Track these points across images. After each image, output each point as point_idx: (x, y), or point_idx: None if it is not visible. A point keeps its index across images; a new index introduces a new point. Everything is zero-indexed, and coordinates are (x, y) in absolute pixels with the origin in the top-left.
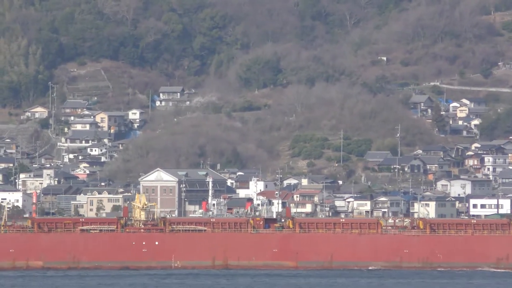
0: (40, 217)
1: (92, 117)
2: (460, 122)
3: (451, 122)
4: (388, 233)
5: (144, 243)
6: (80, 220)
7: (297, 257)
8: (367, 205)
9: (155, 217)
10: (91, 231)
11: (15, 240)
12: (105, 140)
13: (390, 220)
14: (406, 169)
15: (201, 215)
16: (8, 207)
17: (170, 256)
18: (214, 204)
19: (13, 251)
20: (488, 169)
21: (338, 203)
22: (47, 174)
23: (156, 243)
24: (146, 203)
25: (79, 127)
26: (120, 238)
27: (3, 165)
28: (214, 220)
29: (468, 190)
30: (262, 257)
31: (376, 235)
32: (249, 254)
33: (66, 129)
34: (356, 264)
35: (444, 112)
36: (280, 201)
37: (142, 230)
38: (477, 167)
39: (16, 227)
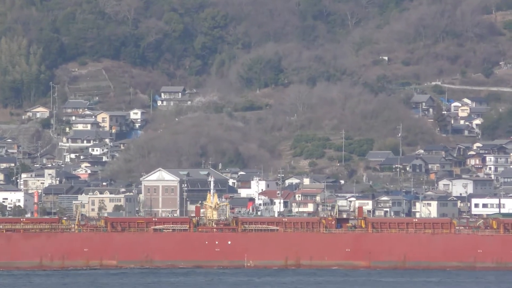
0: (113, 217)
1: (93, 117)
2: (462, 122)
3: (452, 122)
4: (461, 233)
5: (217, 242)
6: (153, 219)
7: (370, 257)
8: (369, 205)
9: (227, 216)
10: (164, 230)
11: (89, 239)
12: (107, 140)
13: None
14: (407, 168)
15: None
16: (9, 207)
17: (242, 255)
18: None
19: (87, 250)
20: (490, 168)
21: (340, 202)
22: (49, 174)
23: (229, 242)
24: (218, 203)
25: (80, 127)
26: (193, 237)
27: (4, 165)
28: (286, 219)
29: (470, 190)
30: (334, 257)
31: (450, 235)
32: (321, 254)
33: (67, 129)
34: (430, 264)
35: (445, 112)
36: (281, 201)
37: (214, 229)
38: (479, 166)
39: (90, 227)
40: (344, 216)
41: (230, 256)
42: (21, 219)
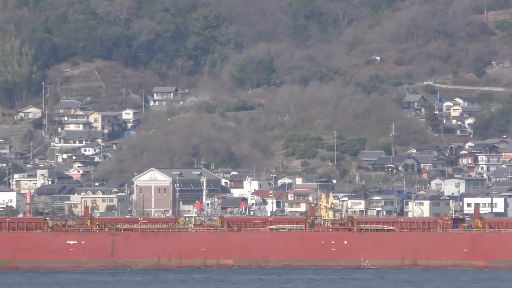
0: (228, 216)
1: (85, 117)
2: (454, 121)
3: (444, 121)
4: None
5: (333, 242)
6: (269, 219)
7: (487, 257)
8: (361, 204)
9: (342, 216)
10: (280, 230)
11: (206, 239)
12: (99, 140)
13: None
14: (400, 168)
15: (195, 215)
16: (1, 207)
17: (359, 255)
18: (208, 204)
19: (204, 249)
20: (482, 168)
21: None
22: (41, 174)
23: (345, 242)
24: (334, 202)
25: (72, 127)
26: (309, 237)
27: None
28: (401, 219)
29: (462, 189)
30: (452, 257)
31: None
32: (438, 254)
33: (59, 129)
34: None
35: (437, 111)
36: (274, 201)
37: (330, 229)
38: (471, 166)
39: (206, 226)
40: (336, 216)
41: (346, 256)
42: (139, 219)
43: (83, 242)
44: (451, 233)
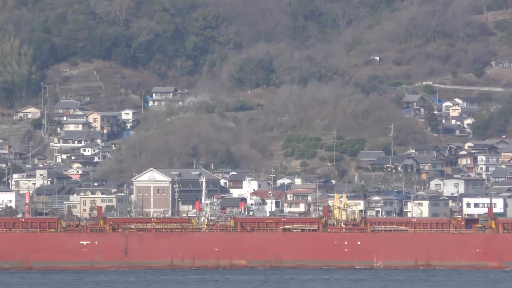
0: (242, 217)
1: (84, 117)
2: (453, 122)
3: (444, 122)
4: None
5: (346, 242)
6: (282, 219)
7: (501, 257)
8: (360, 205)
9: (355, 217)
10: (293, 230)
11: (219, 239)
12: (98, 140)
13: None
14: (399, 168)
15: (194, 215)
16: (0, 208)
17: (372, 256)
18: (207, 204)
19: (217, 250)
20: (481, 168)
21: (331, 202)
22: (40, 175)
23: (358, 243)
24: (347, 203)
25: (71, 127)
26: (322, 237)
27: None
28: (415, 220)
29: (461, 189)
30: (465, 257)
31: None
32: (452, 254)
33: (58, 130)
34: None
35: (436, 112)
36: (273, 201)
37: (343, 230)
38: (470, 166)
39: (219, 227)
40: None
41: (359, 257)
42: (152, 219)
43: (96, 243)
44: (465, 233)
